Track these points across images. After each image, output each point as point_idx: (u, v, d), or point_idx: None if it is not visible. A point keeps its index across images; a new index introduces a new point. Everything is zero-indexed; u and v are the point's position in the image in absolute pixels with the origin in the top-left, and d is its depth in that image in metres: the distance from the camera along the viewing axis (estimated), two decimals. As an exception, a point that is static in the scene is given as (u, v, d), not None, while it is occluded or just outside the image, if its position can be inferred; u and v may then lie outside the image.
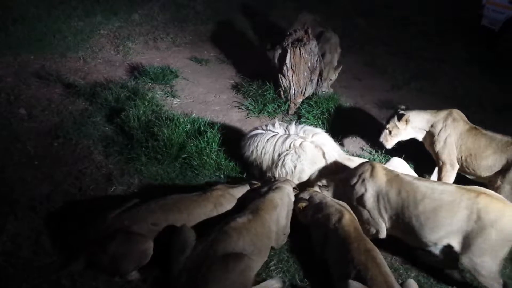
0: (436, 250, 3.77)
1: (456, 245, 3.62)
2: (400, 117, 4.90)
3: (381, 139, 5.09)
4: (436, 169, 4.97)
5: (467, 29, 9.04)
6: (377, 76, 7.43)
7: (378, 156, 5.44)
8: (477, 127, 4.80)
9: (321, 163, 4.53)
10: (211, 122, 5.57)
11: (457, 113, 4.89)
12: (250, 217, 3.69)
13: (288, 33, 6.05)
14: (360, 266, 3.37)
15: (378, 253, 3.55)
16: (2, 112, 5.40)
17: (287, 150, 4.50)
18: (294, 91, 6.13)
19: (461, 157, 4.75)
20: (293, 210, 4.09)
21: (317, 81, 6.34)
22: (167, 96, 6.20)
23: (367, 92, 6.90)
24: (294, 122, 5.10)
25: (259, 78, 6.52)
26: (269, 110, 6.09)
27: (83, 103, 5.76)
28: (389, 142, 5.06)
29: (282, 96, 6.20)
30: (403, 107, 5.08)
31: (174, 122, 5.25)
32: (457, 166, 4.78)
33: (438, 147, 4.80)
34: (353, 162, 4.58)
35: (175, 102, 6.14)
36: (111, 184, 4.54)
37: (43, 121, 5.37)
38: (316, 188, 4.27)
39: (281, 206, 3.94)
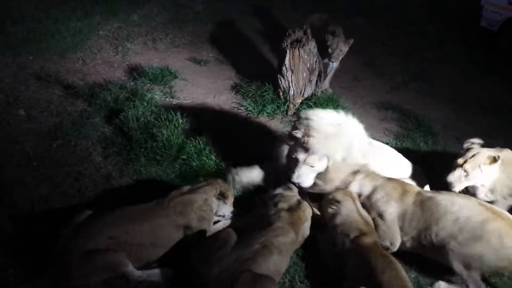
0: None
1: None
2: (493, 159, 4.05)
3: (451, 179, 4.18)
4: None
5: (467, 29, 9.05)
6: (376, 76, 7.43)
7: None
8: None
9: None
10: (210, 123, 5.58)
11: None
12: (293, 237, 3.72)
13: (287, 33, 6.04)
14: (377, 271, 3.38)
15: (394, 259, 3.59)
16: (1, 113, 5.39)
17: None
18: (293, 92, 6.12)
19: None
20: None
21: (316, 81, 6.34)
22: (166, 97, 6.19)
23: (366, 92, 6.90)
24: None
25: (258, 79, 6.51)
26: (268, 111, 6.08)
27: (82, 104, 5.75)
28: (462, 186, 4.21)
29: (281, 97, 6.20)
30: (477, 141, 4.28)
31: (173, 123, 5.25)
32: None
33: None
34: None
35: (174, 103, 6.13)
36: (110, 185, 4.53)
37: (42, 122, 5.36)
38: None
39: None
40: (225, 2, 9.28)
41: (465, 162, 4.08)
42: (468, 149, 4.19)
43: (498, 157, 4.00)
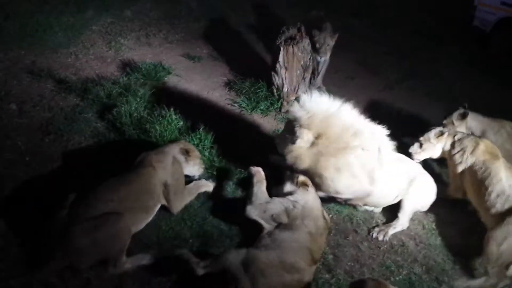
0: None
1: None
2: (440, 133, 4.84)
3: (410, 150, 4.98)
4: None
5: (460, 29, 9.10)
6: (370, 75, 7.46)
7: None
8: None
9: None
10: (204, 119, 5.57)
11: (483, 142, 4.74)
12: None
13: (281, 31, 6.04)
14: None
15: None
16: (-8, 107, 5.36)
17: None
18: (287, 89, 6.13)
19: None
20: None
21: (310, 79, 6.35)
22: (160, 93, 6.17)
23: (360, 91, 6.92)
24: None
25: (252, 75, 6.51)
26: (261, 108, 6.08)
27: (75, 99, 5.71)
28: (420, 157, 4.98)
29: (275, 94, 6.20)
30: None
31: (166, 119, 5.23)
32: None
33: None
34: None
35: (167, 98, 6.11)
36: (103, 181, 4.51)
37: (34, 116, 5.32)
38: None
39: None
40: (219, -1, 9.26)
41: (422, 137, 4.92)
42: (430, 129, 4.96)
43: (444, 132, 4.78)
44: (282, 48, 5.82)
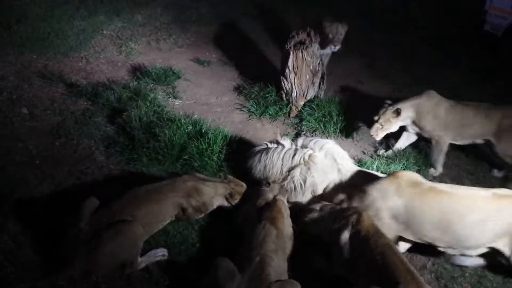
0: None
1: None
2: (397, 112, 5.22)
3: (372, 133, 5.36)
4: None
5: (469, 34, 9.03)
6: (379, 79, 7.43)
7: (379, 160, 5.43)
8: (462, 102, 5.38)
9: (333, 174, 4.45)
10: (213, 124, 5.59)
11: (434, 94, 5.38)
12: (275, 233, 3.75)
13: (291, 35, 6.05)
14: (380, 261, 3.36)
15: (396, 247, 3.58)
16: (4, 111, 5.41)
17: (296, 164, 4.43)
18: (296, 94, 6.13)
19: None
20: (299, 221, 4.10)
21: (319, 84, 6.34)
22: (169, 97, 6.21)
23: (369, 95, 6.90)
24: (302, 133, 5.43)
25: (261, 80, 6.52)
26: (270, 113, 6.09)
27: (85, 103, 5.77)
28: (380, 135, 5.36)
29: (284, 98, 6.21)
30: (389, 101, 5.43)
31: (175, 123, 5.25)
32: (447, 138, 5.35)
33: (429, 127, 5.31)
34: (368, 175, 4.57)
35: (176, 103, 6.14)
36: (112, 185, 4.54)
37: (45, 120, 5.38)
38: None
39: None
40: (229, 3, 9.29)
41: (379, 118, 5.27)
42: (381, 108, 5.36)
43: (400, 109, 5.20)
44: (291, 53, 5.82)
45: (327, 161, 4.46)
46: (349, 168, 4.52)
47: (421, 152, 5.64)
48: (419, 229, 3.82)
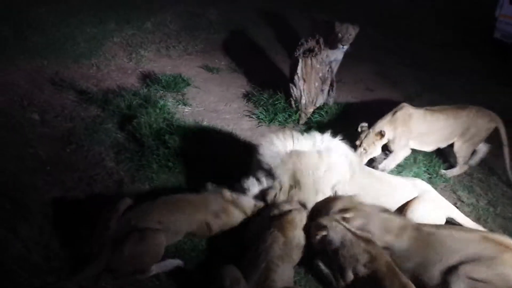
0: None
1: None
2: (381, 134, 5.06)
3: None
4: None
5: (480, 41, 9.00)
6: (389, 87, 7.41)
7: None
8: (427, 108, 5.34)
9: (340, 171, 4.35)
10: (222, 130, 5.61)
11: (406, 109, 5.23)
12: (283, 240, 3.72)
13: (300, 43, 6.06)
14: None
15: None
16: (15, 117, 5.44)
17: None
18: (305, 101, 6.13)
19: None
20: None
21: (328, 91, 6.34)
22: (179, 104, 6.22)
23: (379, 103, 6.86)
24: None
25: (270, 87, 6.53)
26: (279, 120, 6.09)
27: (96, 110, 5.80)
28: (364, 160, 5.16)
29: (293, 105, 6.21)
30: (365, 124, 5.22)
31: (185, 130, 5.27)
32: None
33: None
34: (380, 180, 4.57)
35: (186, 110, 6.16)
36: (122, 191, 4.55)
37: (56, 126, 5.41)
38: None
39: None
40: (238, 11, 9.33)
41: (361, 142, 5.08)
42: (361, 132, 5.18)
43: (384, 131, 5.01)
44: (300, 60, 5.83)
45: (336, 157, 4.37)
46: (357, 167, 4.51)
47: (432, 159, 5.60)
48: None
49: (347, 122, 5.94)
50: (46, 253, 3.77)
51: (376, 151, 5.19)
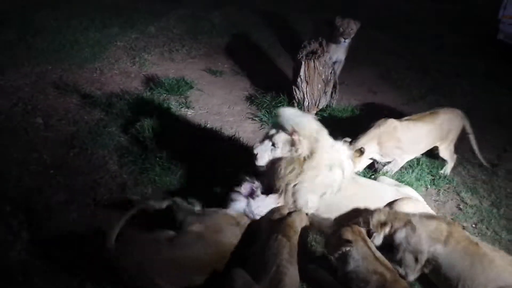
0: None
1: None
2: (360, 151, 4.82)
3: None
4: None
5: (484, 43, 8.98)
6: (393, 89, 7.40)
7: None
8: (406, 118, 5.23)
9: (340, 169, 4.18)
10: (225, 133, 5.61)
11: (390, 122, 5.06)
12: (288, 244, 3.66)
13: (303, 45, 6.07)
14: None
15: None
16: (19, 121, 5.49)
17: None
18: (308, 103, 6.13)
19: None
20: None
21: (331, 93, 6.34)
22: (182, 107, 6.24)
23: (383, 105, 6.87)
24: None
25: (273, 90, 6.54)
26: (282, 122, 6.08)
27: (99, 113, 5.82)
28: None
29: (296, 108, 6.20)
30: (348, 139, 4.86)
31: (188, 133, 5.28)
32: None
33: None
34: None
35: (189, 113, 6.17)
36: (125, 194, 4.56)
37: (60, 130, 5.44)
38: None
39: None
40: (241, 15, 9.36)
41: None
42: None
43: (364, 148, 4.79)
44: (303, 63, 5.84)
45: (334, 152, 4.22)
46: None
47: (435, 161, 5.58)
48: None
49: (350, 124, 5.95)
50: (49, 258, 3.79)
51: (358, 168, 4.98)
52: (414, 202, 4.23)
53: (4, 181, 4.57)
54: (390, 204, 4.19)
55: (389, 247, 3.79)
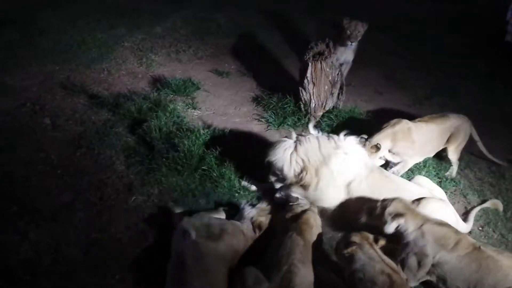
0: None
1: None
2: (376, 147, 4.89)
3: None
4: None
5: (488, 44, 8.94)
6: (398, 90, 7.37)
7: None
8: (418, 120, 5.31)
9: (357, 168, 4.42)
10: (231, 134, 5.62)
11: (404, 123, 5.12)
12: (303, 244, 3.70)
13: (309, 46, 6.05)
14: None
15: None
16: (27, 121, 5.52)
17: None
18: (315, 105, 6.12)
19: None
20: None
21: (338, 94, 6.33)
22: (188, 108, 6.25)
23: (389, 106, 6.85)
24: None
25: (279, 91, 6.53)
26: (289, 123, 6.08)
27: (106, 114, 5.85)
28: None
29: (302, 109, 6.20)
30: (365, 136, 4.95)
31: (194, 134, 5.29)
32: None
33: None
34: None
35: (196, 113, 6.18)
36: (131, 194, 4.58)
37: (67, 130, 5.47)
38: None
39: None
40: (247, 15, 9.36)
41: None
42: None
43: (379, 144, 4.85)
44: (310, 64, 5.82)
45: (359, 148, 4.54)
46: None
47: (441, 163, 5.57)
48: None
49: (357, 125, 5.94)
50: (55, 257, 3.81)
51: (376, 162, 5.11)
52: (439, 204, 4.28)
53: (11, 181, 4.60)
54: (416, 201, 4.25)
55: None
